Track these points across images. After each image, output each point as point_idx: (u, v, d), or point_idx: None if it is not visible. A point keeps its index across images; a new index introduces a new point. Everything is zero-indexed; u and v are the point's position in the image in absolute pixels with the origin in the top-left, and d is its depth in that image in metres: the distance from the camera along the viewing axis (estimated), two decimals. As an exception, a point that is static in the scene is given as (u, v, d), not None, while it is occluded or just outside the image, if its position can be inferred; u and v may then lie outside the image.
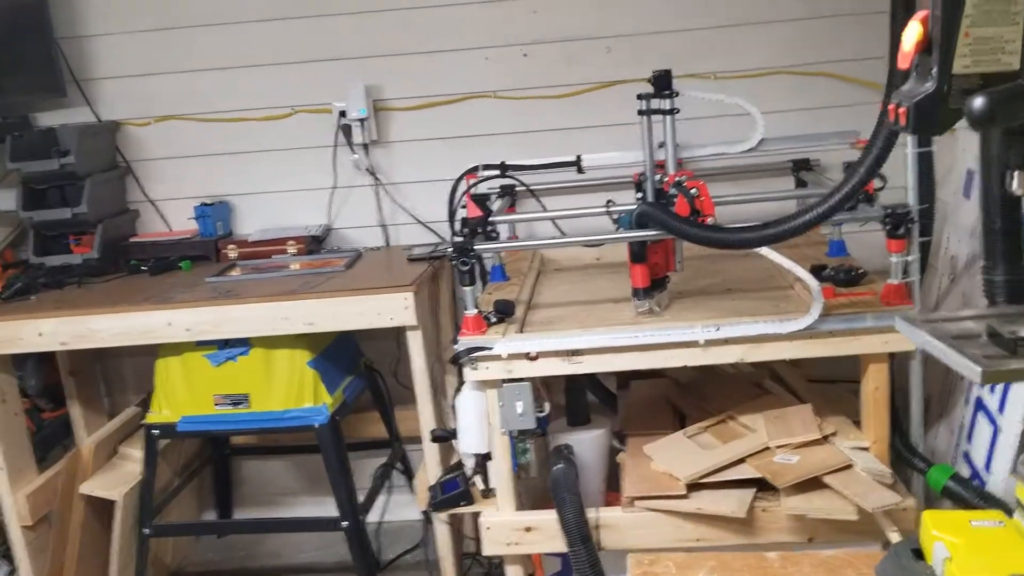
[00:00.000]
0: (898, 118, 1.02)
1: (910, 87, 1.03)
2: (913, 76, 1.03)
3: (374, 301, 2.64)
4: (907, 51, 1.01)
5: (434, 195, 3.20)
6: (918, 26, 0.99)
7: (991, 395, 2.19)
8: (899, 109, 1.02)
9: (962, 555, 1.16)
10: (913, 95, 1.00)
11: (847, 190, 1.76)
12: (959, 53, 0.96)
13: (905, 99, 1.01)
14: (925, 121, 1.00)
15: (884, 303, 2.13)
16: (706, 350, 2.16)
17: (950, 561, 1.15)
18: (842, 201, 1.76)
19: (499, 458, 2.31)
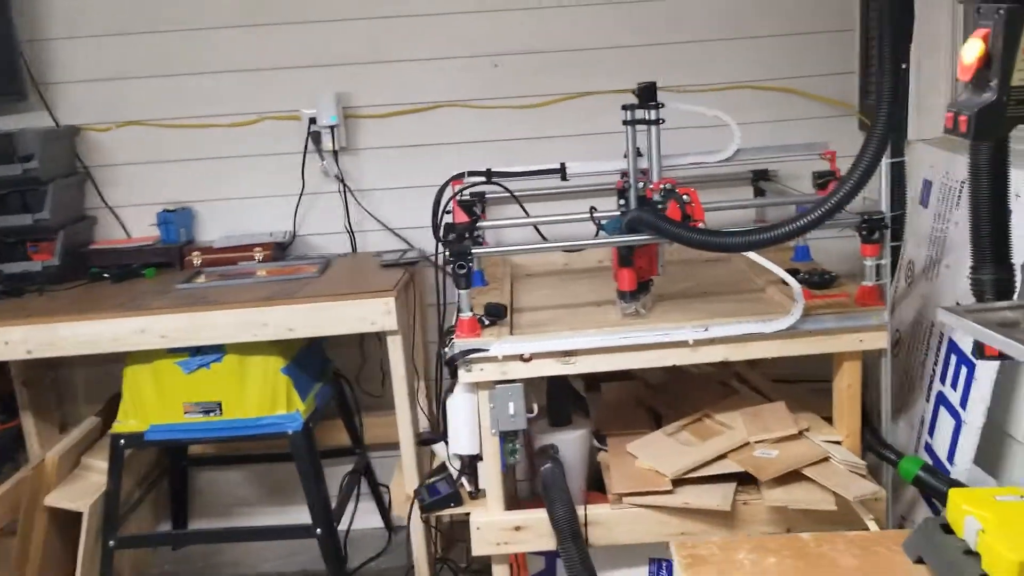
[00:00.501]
0: (957, 125, 1.11)
1: (967, 98, 1.13)
2: (967, 88, 1.13)
3: (356, 306, 2.65)
4: (968, 64, 1.10)
5: (402, 202, 3.25)
6: (979, 43, 1.09)
7: (954, 391, 2.34)
8: (959, 117, 1.11)
9: (994, 526, 1.25)
10: (973, 105, 1.10)
11: (842, 196, 1.87)
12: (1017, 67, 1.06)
13: (965, 108, 1.11)
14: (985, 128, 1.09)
15: (859, 304, 2.26)
16: (695, 349, 2.25)
17: (984, 532, 1.25)
18: (838, 206, 1.87)
19: (489, 459, 2.35)
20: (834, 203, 1.87)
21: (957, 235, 2.39)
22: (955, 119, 1.12)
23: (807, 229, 1.92)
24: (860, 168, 1.86)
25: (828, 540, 1.46)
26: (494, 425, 2.31)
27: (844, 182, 1.87)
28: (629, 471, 2.39)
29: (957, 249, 2.38)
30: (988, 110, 1.08)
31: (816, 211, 1.90)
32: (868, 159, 1.86)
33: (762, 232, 1.95)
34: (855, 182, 1.86)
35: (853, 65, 3.13)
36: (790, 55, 3.14)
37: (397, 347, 2.72)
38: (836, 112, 3.16)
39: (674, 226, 2.11)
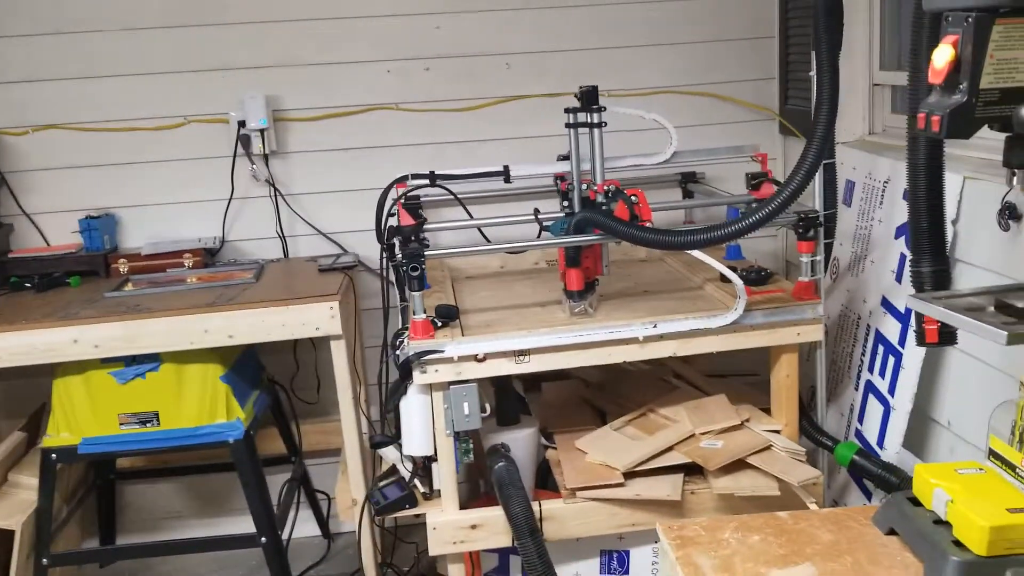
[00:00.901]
0: (929, 125, 1.20)
1: (937, 99, 1.21)
2: (937, 90, 1.22)
3: (299, 311, 2.63)
4: (939, 68, 1.19)
5: (335, 206, 3.23)
6: (950, 48, 1.17)
7: (882, 379, 2.48)
8: (931, 117, 1.20)
9: (962, 496, 1.35)
10: (945, 106, 1.18)
11: (788, 195, 1.96)
12: (985, 72, 1.15)
13: (937, 109, 1.19)
14: (957, 128, 1.18)
15: (796, 298, 2.37)
16: (644, 345, 2.32)
17: (953, 503, 1.35)
18: (784, 204, 1.96)
19: (444, 459, 2.37)
20: (780, 202, 1.97)
21: (881, 232, 2.53)
22: (927, 119, 1.21)
23: (755, 227, 2.01)
24: (803, 168, 1.96)
25: (804, 518, 1.54)
26: (449, 426, 2.33)
27: (789, 182, 1.97)
28: (580, 466, 2.44)
29: (881, 245, 2.53)
30: (959, 111, 1.18)
31: (763, 210, 1.99)
32: (810, 160, 1.96)
33: (711, 231, 2.03)
34: (799, 182, 1.96)
35: (773, 71, 3.27)
36: (713, 61, 3.26)
37: (341, 352, 2.71)
38: (758, 116, 3.30)
39: (625, 225, 2.17)
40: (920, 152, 1.75)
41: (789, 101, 3.21)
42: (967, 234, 2.17)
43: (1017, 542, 1.32)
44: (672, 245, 2.10)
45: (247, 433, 2.76)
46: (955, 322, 1.26)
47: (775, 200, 1.98)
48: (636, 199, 2.23)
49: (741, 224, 2.01)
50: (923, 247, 1.78)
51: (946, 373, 2.34)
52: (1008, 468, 1.48)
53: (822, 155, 1.95)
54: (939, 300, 1.32)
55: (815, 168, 1.97)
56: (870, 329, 2.56)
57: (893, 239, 2.45)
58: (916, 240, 1.79)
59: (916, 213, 1.78)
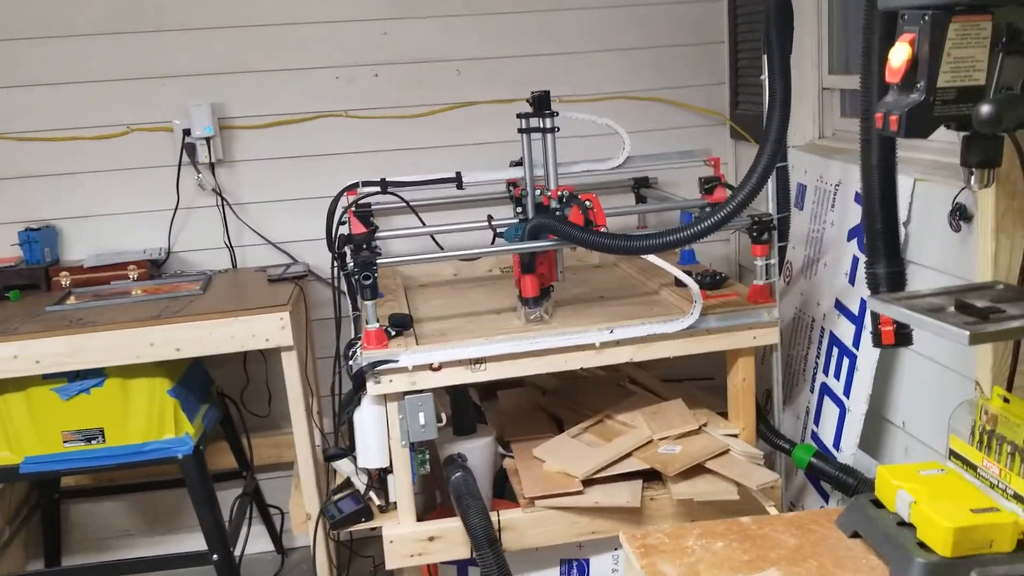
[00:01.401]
0: (888, 124, 1.19)
1: (895, 99, 1.21)
2: (894, 90, 1.21)
3: (248, 323, 2.57)
4: (896, 67, 1.18)
5: (283, 215, 3.17)
6: (907, 47, 1.17)
7: (837, 381, 2.49)
8: (889, 116, 1.19)
9: (925, 498, 1.35)
10: (903, 105, 1.18)
11: (742, 199, 1.96)
12: (943, 70, 1.15)
13: (895, 108, 1.19)
14: (915, 127, 1.18)
15: (751, 302, 2.37)
16: (600, 351, 2.30)
17: (916, 504, 1.35)
18: (738, 209, 1.96)
19: (400, 471, 2.32)
20: (735, 206, 1.97)
21: (833, 235, 2.54)
22: (885, 119, 1.20)
23: (710, 231, 2.01)
24: (757, 172, 1.96)
25: (767, 523, 1.53)
26: (404, 436, 2.29)
27: (743, 186, 1.96)
28: (538, 475, 2.42)
29: (833, 248, 2.54)
30: (917, 109, 1.17)
31: (717, 214, 1.98)
32: (764, 163, 1.96)
33: (666, 235, 2.02)
34: (753, 185, 1.96)
35: (724, 76, 3.29)
36: (664, 67, 3.26)
37: (292, 363, 2.65)
38: (709, 121, 3.31)
39: (579, 231, 2.15)
40: (873, 154, 1.75)
41: (740, 106, 3.22)
42: (918, 236, 2.19)
43: (981, 542, 1.32)
44: (627, 250, 2.08)
45: (196, 448, 2.68)
46: (917, 323, 1.26)
47: (729, 204, 1.97)
48: (590, 204, 2.21)
49: (696, 228, 2.00)
50: (878, 249, 1.78)
51: (900, 374, 2.36)
52: (969, 468, 1.48)
53: (776, 159, 1.95)
54: (900, 301, 1.32)
55: (769, 171, 1.97)
56: (824, 331, 2.57)
57: (846, 241, 2.47)
58: (871, 242, 1.80)
59: (870, 215, 1.79)
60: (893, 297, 1.37)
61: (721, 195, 2.55)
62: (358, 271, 2.18)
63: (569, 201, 2.37)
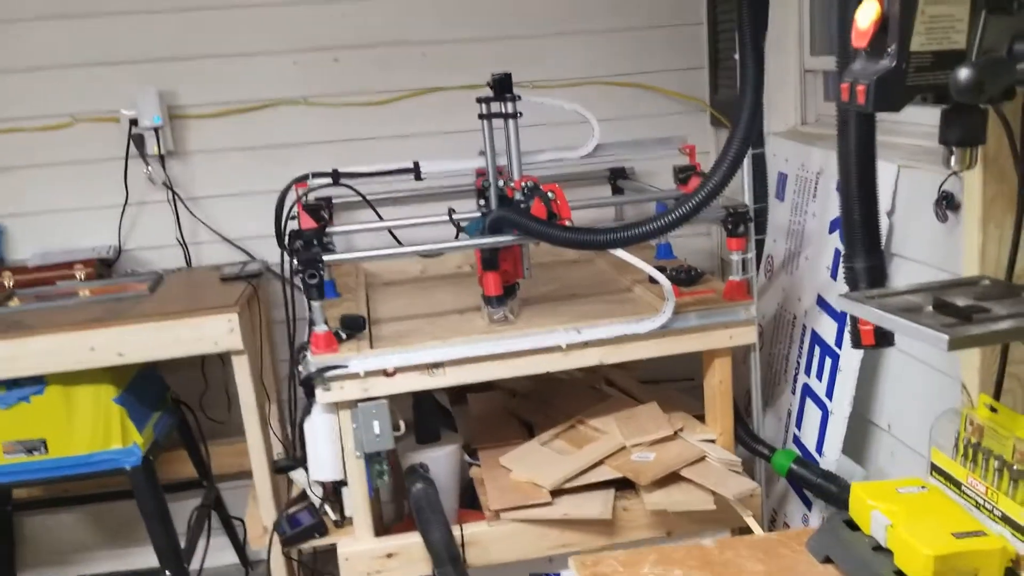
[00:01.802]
0: (855, 96, 1.04)
1: (862, 66, 1.05)
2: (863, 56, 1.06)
3: (194, 325, 2.41)
4: (863, 29, 1.03)
5: (240, 210, 3.01)
6: (875, 4, 1.01)
7: (819, 382, 2.35)
8: (856, 87, 1.04)
9: (903, 520, 1.21)
10: (871, 73, 1.02)
11: (710, 189, 1.81)
12: (916, 31, 0.99)
13: (862, 77, 1.03)
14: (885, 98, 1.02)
15: (727, 299, 2.22)
16: (567, 354, 2.15)
17: (893, 527, 1.20)
18: (706, 200, 1.81)
19: (355, 483, 2.17)
20: (702, 197, 1.82)
21: (815, 226, 2.40)
22: (851, 89, 1.05)
23: (676, 224, 1.86)
24: (727, 160, 1.81)
25: (731, 546, 1.39)
26: (358, 447, 2.14)
27: (712, 174, 1.81)
28: (505, 485, 2.27)
29: (816, 241, 2.39)
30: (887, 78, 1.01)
31: (684, 205, 1.84)
32: (735, 150, 1.81)
33: (629, 228, 1.87)
34: (723, 174, 1.81)
35: (702, 60, 3.13)
36: (640, 50, 3.10)
37: (244, 368, 2.50)
38: (687, 108, 3.15)
39: (540, 224, 2.00)
40: (850, 136, 1.60)
41: (720, 91, 3.07)
42: (903, 226, 2.05)
43: (964, 571, 1.18)
44: (589, 244, 1.93)
45: (146, 459, 2.53)
46: (890, 325, 1.12)
47: (698, 194, 1.82)
48: (553, 195, 2.06)
49: (661, 221, 1.85)
50: (856, 241, 1.63)
51: (885, 374, 2.22)
52: (953, 486, 1.34)
53: (747, 145, 1.80)
54: (872, 300, 1.17)
55: (740, 159, 1.82)
56: (806, 329, 2.43)
57: (827, 234, 2.32)
58: (849, 234, 1.65)
59: (848, 204, 1.63)
60: (865, 295, 1.22)
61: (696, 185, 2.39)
62: (303, 269, 2.03)
63: (532, 192, 2.23)
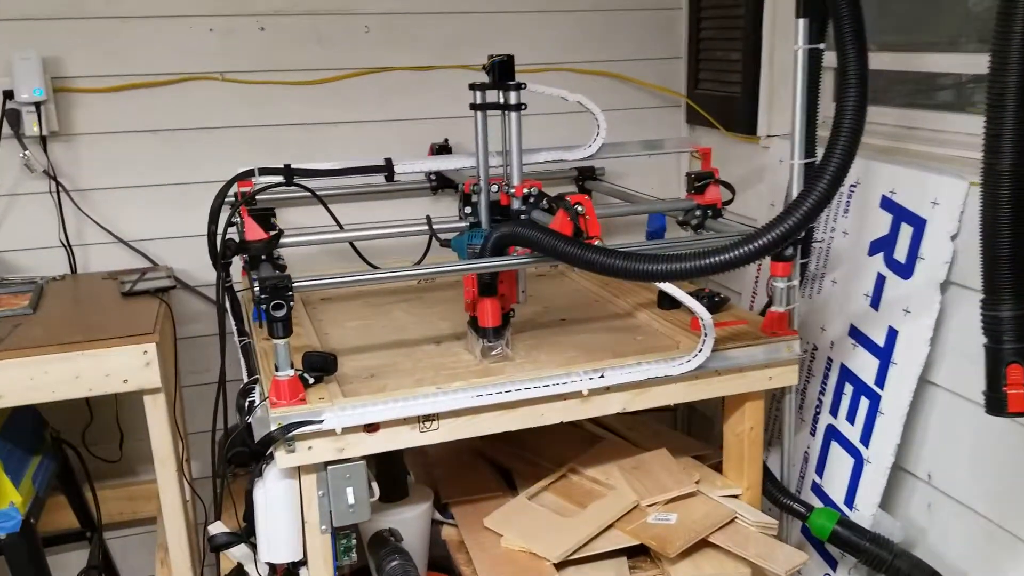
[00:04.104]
0: None
1: None
2: None
3: (97, 359, 1.89)
4: None
5: (139, 205, 2.49)
6: None
7: (850, 426, 2.05)
8: None
9: None
10: None
11: (809, 207, 1.46)
12: None
13: None
14: None
15: (767, 333, 1.89)
16: (586, 401, 1.76)
17: None
18: (806, 218, 1.46)
19: (318, 565, 1.72)
20: (801, 217, 1.47)
21: (846, 246, 2.10)
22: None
23: (764, 253, 1.50)
24: (830, 171, 1.47)
25: None
26: (326, 521, 1.69)
27: (810, 190, 1.46)
28: (496, 556, 1.87)
29: (847, 262, 2.10)
30: None
31: (778, 227, 1.48)
32: (837, 161, 1.47)
33: (704, 257, 1.49)
34: (824, 190, 1.46)
35: (679, 50, 2.79)
36: (612, 34, 2.74)
37: (159, 409, 1.99)
38: (662, 102, 2.81)
39: (573, 246, 1.59)
40: (1005, 155, 1.29)
41: (700, 84, 2.74)
42: (968, 253, 1.77)
43: None
44: (652, 276, 1.52)
45: (26, 523, 1.98)
46: None
47: (795, 214, 1.47)
48: (583, 209, 1.66)
49: (745, 248, 1.48)
50: (1002, 283, 1.33)
51: (926, 417, 1.95)
52: None
53: (852, 154, 1.46)
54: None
55: (844, 172, 1.48)
56: (832, 363, 2.13)
57: (867, 256, 2.03)
58: (991, 273, 1.34)
59: (993, 236, 1.33)
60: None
61: (714, 195, 2.05)
62: (267, 299, 1.55)
63: (548, 201, 1.83)
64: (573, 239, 1.62)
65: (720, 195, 2.06)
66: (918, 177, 1.91)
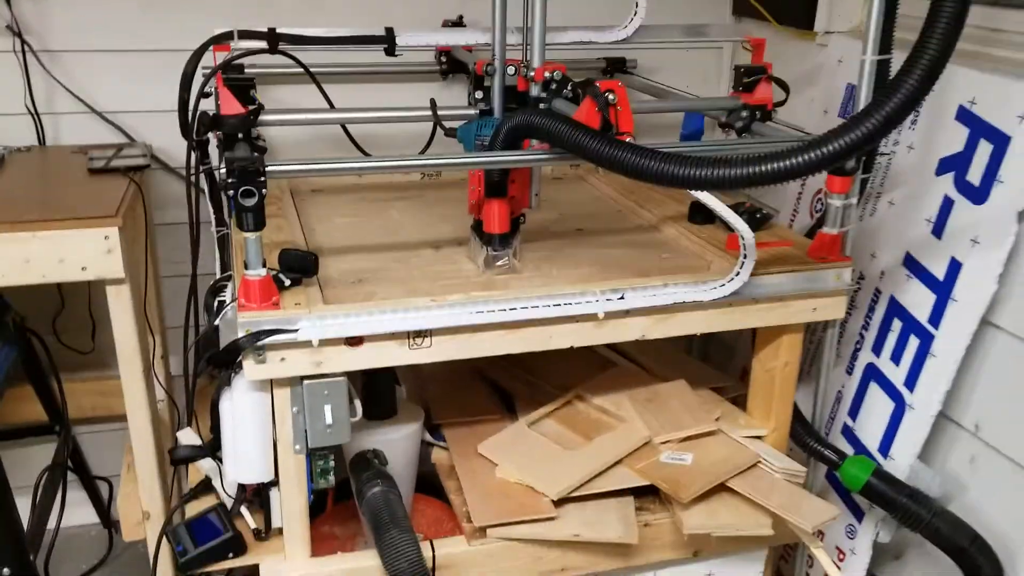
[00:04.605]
0: None
1: None
2: None
3: (51, 241, 1.67)
4: None
5: (116, 71, 2.23)
6: None
7: (895, 366, 1.83)
8: None
9: None
10: None
11: (895, 107, 1.20)
12: None
13: None
14: None
15: (816, 258, 1.65)
16: (601, 325, 1.54)
17: None
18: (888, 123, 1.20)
19: (290, 487, 1.53)
20: (883, 118, 1.21)
21: (910, 163, 1.84)
22: None
23: (837, 159, 1.24)
24: (920, 67, 1.20)
25: None
26: (300, 440, 1.49)
27: (897, 86, 1.20)
28: (489, 488, 1.68)
29: (907, 180, 1.84)
30: None
31: (853, 131, 1.22)
32: (931, 55, 1.20)
33: (760, 162, 1.24)
34: (913, 88, 1.20)
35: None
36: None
37: (124, 303, 1.78)
38: (705, -12, 2.51)
39: (601, 142, 1.33)
40: None
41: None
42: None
43: None
44: (696, 182, 1.26)
45: (-25, 418, 1.81)
46: None
47: (875, 115, 1.21)
48: (615, 97, 1.40)
49: (813, 153, 1.22)
50: None
51: (980, 362, 1.73)
52: None
53: (952, 43, 1.20)
54: None
55: (940, 65, 1.21)
56: (879, 295, 1.89)
57: (934, 175, 1.77)
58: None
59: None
60: None
61: (765, 93, 1.78)
62: (235, 184, 1.32)
63: (561, 88, 1.57)
64: (601, 133, 1.36)
65: (772, 94, 1.79)
66: (1004, 86, 1.64)
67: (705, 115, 1.95)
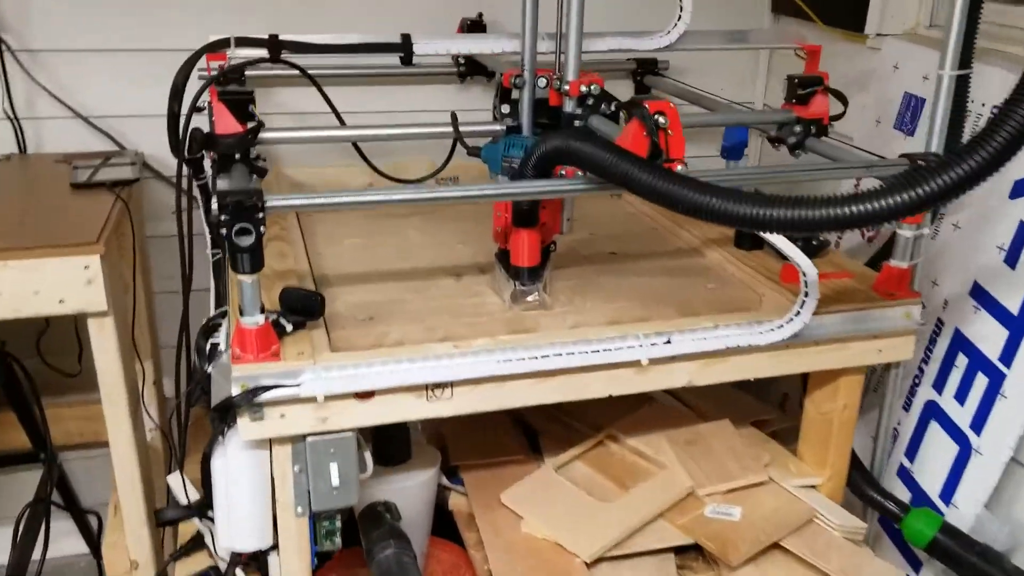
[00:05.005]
0: None
1: None
2: None
3: (24, 272, 1.50)
4: None
5: (103, 73, 2.05)
6: None
7: (959, 406, 1.66)
8: None
9: None
10: None
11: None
12: None
13: None
14: None
15: (883, 294, 1.47)
16: (642, 372, 1.37)
17: None
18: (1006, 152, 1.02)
19: (291, 553, 1.36)
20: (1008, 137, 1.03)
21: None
22: None
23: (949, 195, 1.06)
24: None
25: None
26: (303, 502, 1.32)
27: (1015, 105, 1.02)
28: (513, 544, 1.51)
29: (976, 202, 1.66)
30: None
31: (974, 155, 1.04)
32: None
33: (860, 201, 1.04)
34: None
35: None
36: None
37: (107, 334, 1.61)
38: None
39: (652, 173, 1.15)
40: None
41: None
42: None
43: None
44: (776, 224, 1.05)
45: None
46: None
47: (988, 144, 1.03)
48: (666, 121, 1.22)
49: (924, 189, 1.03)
50: None
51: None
52: None
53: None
54: None
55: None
56: (942, 327, 1.72)
57: (1007, 198, 1.59)
58: None
59: None
60: None
61: (821, 107, 1.60)
62: (229, 221, 1.14)
63: (599, 104, 1.39)
64: (654, 164, 1.18)
65: (828, 107, 1.61)
66: (1094, 101, 1.45)
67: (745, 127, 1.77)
